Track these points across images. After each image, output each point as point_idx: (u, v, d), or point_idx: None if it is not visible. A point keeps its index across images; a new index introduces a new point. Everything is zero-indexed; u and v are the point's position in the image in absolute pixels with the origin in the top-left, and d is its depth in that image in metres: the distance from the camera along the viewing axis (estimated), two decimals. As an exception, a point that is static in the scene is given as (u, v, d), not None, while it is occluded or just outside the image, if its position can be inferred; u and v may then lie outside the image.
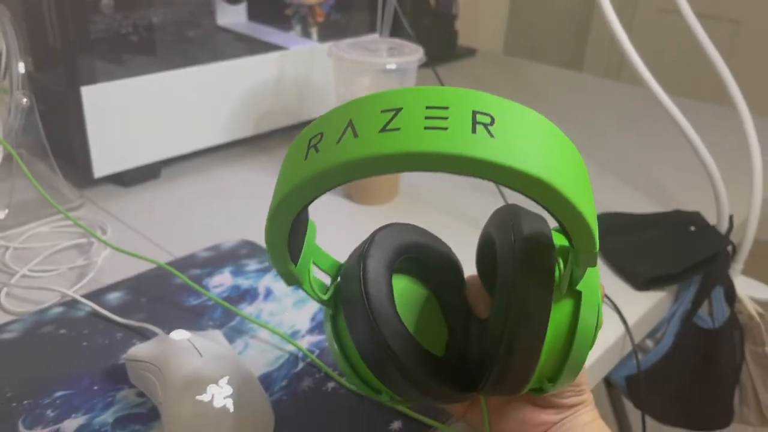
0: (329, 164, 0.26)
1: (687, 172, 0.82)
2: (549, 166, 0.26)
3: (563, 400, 0.38)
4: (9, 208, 0.63)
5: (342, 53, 0.64)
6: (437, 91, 0.27)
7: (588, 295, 0.33)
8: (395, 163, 0.25)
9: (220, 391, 0.39)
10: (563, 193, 0.26)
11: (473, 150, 0.25)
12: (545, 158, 0.26)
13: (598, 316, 0.34)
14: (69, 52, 0.62)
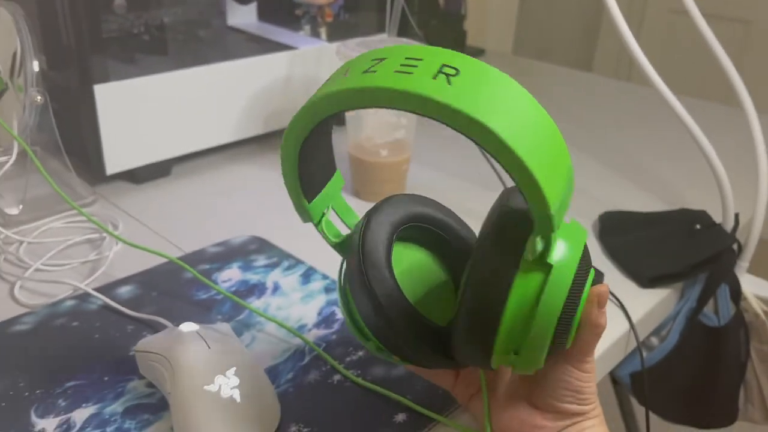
0: (319, 95, 0.32)
1: (693, 171, 0.82)
2: (498, 117, 0.28)
3: (562, 404, 0.37)
4: (23, 203, 0.64)
5: (350, 53, 0.64)
6: (418, 47, 0.31)
7: (561, 271, 0.32)
8: (364, 96, 0.30)
9: (228, 381, 0.40)
10: (507, 142, 0.28)
11: (427, 90, 0.28)
12: (498, 110, 0.28)
13: (579, 299, 0.33)
14: (82, 50, 0.63)
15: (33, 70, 0.61)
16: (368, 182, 0.70)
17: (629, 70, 2.33)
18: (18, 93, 0.64)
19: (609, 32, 2.34)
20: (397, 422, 0.42)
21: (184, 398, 0.39)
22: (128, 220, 0.65)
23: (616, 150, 0.89)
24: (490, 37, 1.63)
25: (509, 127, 0.28)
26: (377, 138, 0.68)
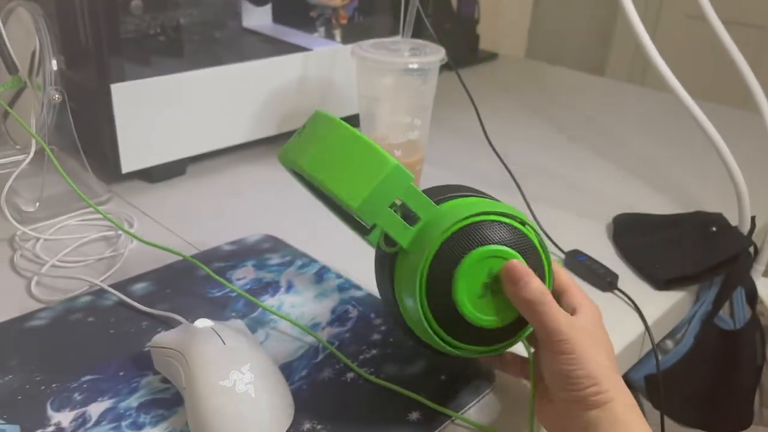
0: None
1: (709, 175, 0.82)
2: (304, 155, 0.40)
3: (557, 392, 0.37)
4: (40, 201, 0.64)
5: (365, 53, 0.65)
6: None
7: (410, 257, 0.39)
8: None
9: (242, 377, 0.40)
10: (306, 170, 0.39)
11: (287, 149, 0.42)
12: (307, 150, 0.40)
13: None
14: (100, 50, 0.64)
15: (52, 68, 0.61)
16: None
17: (643, 75, 2.32)
18: (36, 91, 0.64)
19: (622, 37, 2.33)
20: (411, 420, 0.42)
21: (199, 393, 0.39)
22: (143, 218, 0.66)
23: (630, 153, 0.88)
24: (503, 42, 1.63)
25: (311, 158, 0.39)
26: (391, 138, 0.68)
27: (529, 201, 0.68)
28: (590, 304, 0.40)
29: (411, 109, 0.67)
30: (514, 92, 1.13)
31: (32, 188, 0.66)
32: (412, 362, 0.47)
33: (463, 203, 0.40)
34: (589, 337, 0.37)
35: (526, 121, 0.99)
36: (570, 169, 0.82)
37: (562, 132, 0.95)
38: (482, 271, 0.38)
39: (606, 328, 0.48)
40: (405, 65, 0.64)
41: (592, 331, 0.38)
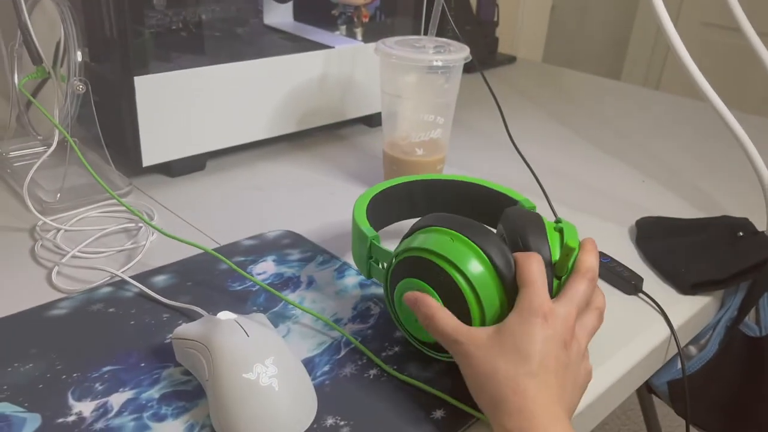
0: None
1: (730, 180, 0.81)
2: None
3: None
4: (61, 192, 0.64)
5: (389, 50, 0.64)
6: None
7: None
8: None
9: (266, 370, 0.40)
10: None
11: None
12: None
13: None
14: (124, 42, 0.64)
15: (77, 59, 0.61)
16: (403, 171, 0.69)
17: (658, 79, 2.31)
18: (60, 83, 0.64)
19: (638, 43, 2.32)
20: (435, 418, 0.42)
21: (223, 385, 0.39)
22: (163, 211, 0.65)
23: (649, 157, 0.88)
24: (521, 45, 1.62)
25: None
26: (413, 136, 0.67)
27: (551, 201, 0.67)
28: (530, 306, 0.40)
29: (434, 107, 0.66)
30: (532, 95, 1.12)
31: (54, 179, 0.66)
32: (436, 361, 0.46)
33: (422, 238, 0.45)
34: (488, 345, 0.40)
35: (545, 124, 0.98)
36: (590, 173, 0.81)
37: (580, 135, 0.95)
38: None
39: (625, 331, 0.48)
40: (429, 63, 0.63)
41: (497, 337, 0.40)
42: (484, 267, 0.42)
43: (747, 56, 0.63)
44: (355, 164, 0.79)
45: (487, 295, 0.42)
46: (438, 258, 0.42)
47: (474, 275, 0.42)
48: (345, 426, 0.40)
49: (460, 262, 0.42)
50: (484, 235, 0.43)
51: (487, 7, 1.29)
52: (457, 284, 0.42)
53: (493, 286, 0.42)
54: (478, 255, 0.42)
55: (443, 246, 0.43)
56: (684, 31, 2.30)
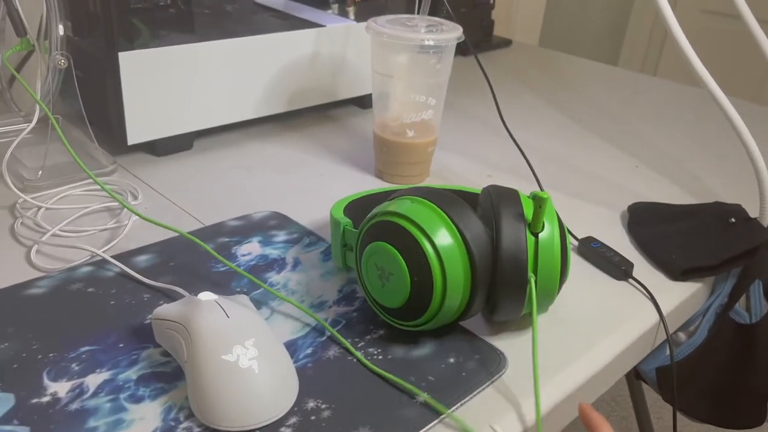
0: None
1: (724, 166, 0.80)
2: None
3: None
4: (42, 170, 0.63)
5: (380, 28, 0.63)
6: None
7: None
8: None
9: (246, 352, 0.39)
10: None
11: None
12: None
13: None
14: (109, 16, 0.62)
15: (59, 32, 0.60)
16: (393, 163, 0.68)
17: (655, 65, 2.29)
18: (44, 55, 0.63)
19: (636, 28, 2.30)
20: (419, 402, 0.41)
21: (201, 367, 0.38)
22: (148, 191, 0.64)
23: (644, 142, 0.87)
24: (517, 29, 1.60)
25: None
26: (404, 117, 0.66)
27: (543, 187, 0.67)
28: None
29: (425, 88, 0.65)
30: (528, 79, 1.11)
31: (35, 156, 0.64)
32: (421, 344, 0.46)
33: (395, 204, 0.45)
34: None
35: (540, 109, 0.97)
36: (583, 158, 0.80)
37: (575, 120, 0.94)
38: (374, 263, 0.44)
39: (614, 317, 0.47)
40: (421, 42, 0.62)
41: None
42: (453, 239, 0.42)
43: (746, 43, 0.62)
44: (345, 146, 0.78)
45: (453, 268, 0.42)
46: (408, 223, 0.43)
47: (442, 245, 0.42)
48: (326, 409, 0.40)
49: (430, 229, 0.42)
50: (457, 207, 0.43)
51: (483, -11, 1.27)
52: (424, 252, 0.42)
53: (460, 259, 0.42)
54: (448, 226, 0.42)
55: (415, 212, 0.43)
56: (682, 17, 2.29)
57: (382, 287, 0.44)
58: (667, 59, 2.26)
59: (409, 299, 0.43)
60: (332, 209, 0.52)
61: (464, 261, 0.42)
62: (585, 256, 0.58)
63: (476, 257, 0.42)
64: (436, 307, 0.43)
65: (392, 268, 0.43)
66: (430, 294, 0.42)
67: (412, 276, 0.42)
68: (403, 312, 0.44)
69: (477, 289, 0.43)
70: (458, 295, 0.43)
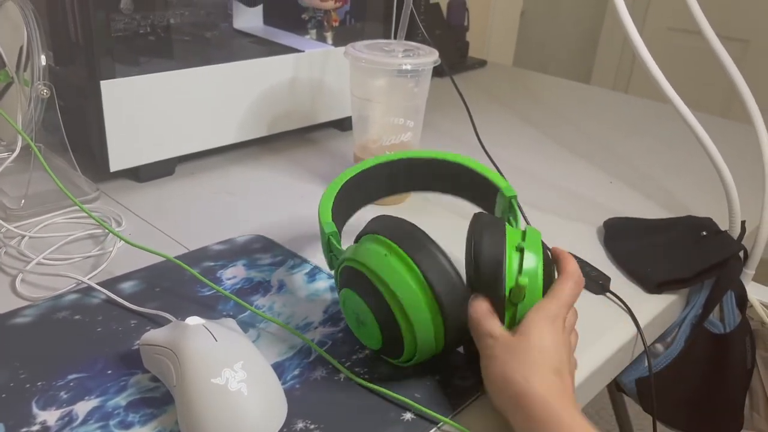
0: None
1: (696, 181, 0.83)
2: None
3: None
4: (25, 199, 0.63)
5: (358, 53, 0.64)
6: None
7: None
8: None
9: (235, 375, 0.39)
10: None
11: None
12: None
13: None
14: (90, 46, 0.63)
15: (41, 63, 0.60)
16: (373, 184, 0.70)
17: (627, 83, 2.35)
18: (24, 87, 0.63)
19: (607, 47, 2.36)
20: (405, 420, 0.42)
21: (191, 391, 0.39)
22: (131, 217, 0.65)
23: (618, 159, 0.89)
24: (492, 50, 1.64)
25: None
26: (384, 139, 0.67)
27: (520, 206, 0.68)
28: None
29: (404, 110, 0.67)
30: (503, 99, 1.13)
31: (18, 185, 0.64)
32: (406, 362, 0.46)
33: (363, 249, 0.44)
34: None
35: (515, 127, 0.99)
36: (559, 175, 0.82)
37: (550, 138, 0.96)
38: (349, 307, 0.45)
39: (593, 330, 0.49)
40: (398, 66, 0.63)
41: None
42: (416, 284, 0.41)
43: (711, 60, 0.64)
44: (326, 168, 0.79)
45: (418, 316, 0.41)
46: (370, 273, 0.42)
47: (404, 295, 0.41)
48: (315, 429, 0.40)
49: (392, 279, 0.41)
50: (422, 247, 0.42)
51: (457, 12, 1.30)
52: (386, 302, 0.41)
53: (426, 306, 0.41)
54: (412, 272, 0.41)
55: (377, 260, 0.42)
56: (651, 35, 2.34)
57: (359, 329, 0.45)
58: (638, 76, 2.31)
59: (384, 341, 0.43)
60: (320, 209, 0.51)
61: (431, 306, 0.41)
62: (563, 272, 0.60)
63: (444, 302, 0.41)
64: (411, 350, 0.43)
65: (362, 315, 0.43)
66: (401, 340, 0.42)
67: (380, 324, 0.42)
68: (384, 351, 0.45)
69: (451, 331, 0.42)
70: (430, 339, 0.42)
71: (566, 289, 0.43)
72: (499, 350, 0.41)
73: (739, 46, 2.04)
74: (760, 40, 2.04)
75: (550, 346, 0.40)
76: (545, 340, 0.40)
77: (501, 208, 0.54)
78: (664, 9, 2.19)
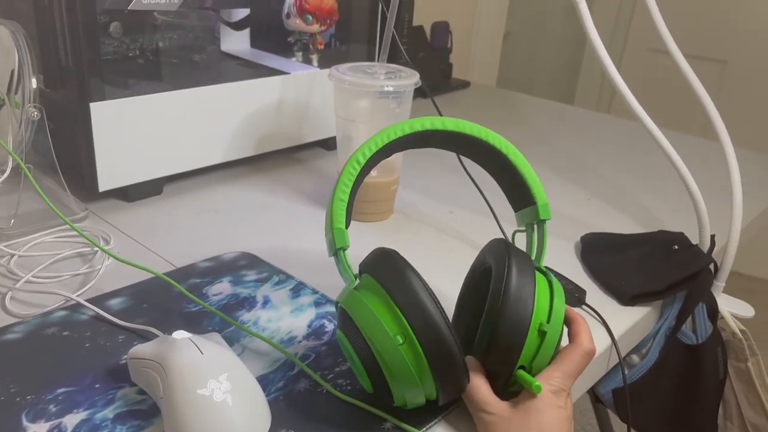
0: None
1: (670, 197, 0.85)
2: None
3: None
4: (15, 218, 0.64)
5: (342, 75, 0.66)
6: None
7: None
8: None
9: (220, 386, 0.41)
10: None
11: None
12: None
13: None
14: (80, 69, 0.65)
15: (32, 86, 0.62)
16: (358, 202, 0.71)
17: (609, 104, 2.39)
18: (14, 109, 0.65)
19: (590, 68, 2.41)
20: (386, 429, 0.43)
21: (177, 402, 0.40)
22: (119, 235, 0.66)
23: (596, 177, 0.92)
24: (475, 71, 1.67)
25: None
26: (366, 159, 0.69)
27: (500, 221, 0.70)
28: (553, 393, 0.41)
29: (386, 130, 0.69)
30: (486, 119, 1.16)
31: (8, 205, 0.66)
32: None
33: (354, 295, 0.43)
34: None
35: (498, 146, 1.02)
36: (540, 192, 0.85)
37: (531, 157, 0.97)
38: (344, 347, 0.43)
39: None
40: (381, 88, 0.66)
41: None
42: (401, 335, 0.40)
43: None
44: (311, 186, 0.81)
45: (398, 366, 0.40)
46: (357, 319, 0.41)
47: (384, 346, 0.40)
48: (298, 439, 0.42)
49: (372, 330, 0.40)
50: (414, 303, 0.40)
51: (440, 34, 1.33)
52: (371, 350, 0.41)
53: (413, 362, 0.40)
54: (402, 327, 0.40)
55: (360, 309, 0.41)
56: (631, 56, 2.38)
57: (354, 369, 0.44)
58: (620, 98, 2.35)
59: (374, 389, 0.43)
60: (333, 200, 0.46)
61: (417, 356, 0.40)
62: (541, 286, 0.62)
63: (431, 357, 0.39)
64: (400, 398, 0.42)
65: (351, 359, 0.43)
66: (388, 388, 0.41)
67: (367, 370, 0.42)
68: (376, 397, 0.43)
69: (443, 377, 0.41)
70: (417, 389, 0.41)
71: (576, 360, 0.41)
72: (495, 427, 0.40)
73: (718, 66, 2.09)
74: (737, 60, 2.09)
75: (549, 425, 0.39)
76: (545, 421, 0.39)
77: (525, 221, 0.52)
78: (645, 30, 2.24)
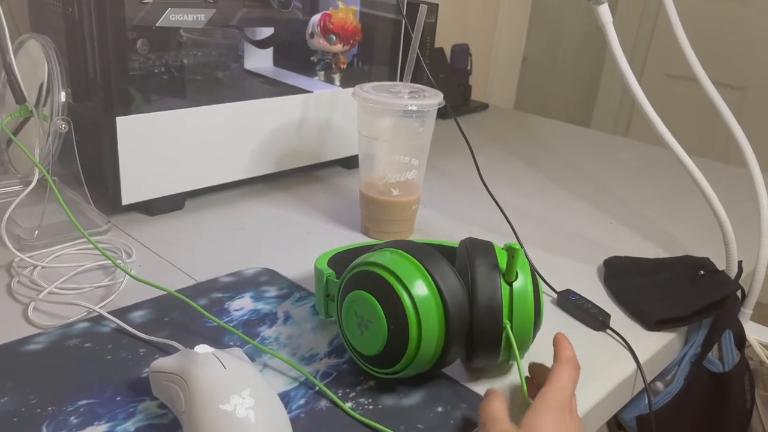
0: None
1: (692, 222, 0.84)
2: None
3: None
4: (39, 230, 0.65)
5: (366, 94, 0.67)
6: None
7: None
8: None
9: (243, 402, 0.40)
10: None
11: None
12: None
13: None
14: (107, 84, 0.66)
15: (60, 99, 0.63)
16: (378, 220, 0.71)
17: (626, 128, 2.39)
18: (42, 122, 0.66)
19: (607, 93, 2.41)
20: (409, 450, 0.42)
21: (200, 417, 0.39)
22: (141, 249, 0.66)
23: (617, 201, 0.91)
24: (493, 93, 1.67)
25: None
26: (389, 177, 0.69)
27: (522, 243, 0.70)
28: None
29: (409, 149, 0.69)
30: (505, 141, 1.16)
31: (32, 217, 0.66)
32: (410, 393, 0.47)
33: (376, 255, 0.48)
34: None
35: (517, 169, 1.01)
36: (560, 215, 0.84)
37: (551, 180, 0.98)
38: (353, 311, 0.47)
39: (593, 366, 0.50)
40: (405, 107, 0.66)
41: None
42: (429, 290, 0.45)
43: (708, 106, 0.67)
44: (331, 204, 0.81)
45: (428, 317, 0.44)
46: (387, 273, 0.45)
47: (418, 296, 0.44)
48: (320, 458, 0.41)
49: (408, 280, 0.45)
50: (434, 260, 0.46)
51: (460, 56, 1.34)
52: (401, 301, 0.44)
53: (435, 309, 0.44)
54: (425, 277, 0.45)
55: (394, 263, 0.46)
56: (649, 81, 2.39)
57: (360, 335, 0.46)
58: (637, 122, 2.35)
59: (386, 346, 0.45)
60: (317, 261, 0.55)
61: (439, 311, 0.45)
62: (564, 308, 0.61)
63: (451, 307, 0.45)
64: (411, 354, 0.45)
65: (370, 315, 0.45)
66: (406, 341, 0.44)
67: (389, 324, 0.45)
68: (380, 359, 0.46)
69: (452, 338, 0.45)
70: (433, 342, 0.45)
71: (563, 376, 0.45)
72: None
73: (737, 93, 2.08)
74: (757, 88, 2.08)
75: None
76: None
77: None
78: (663, 56, 2.24)
